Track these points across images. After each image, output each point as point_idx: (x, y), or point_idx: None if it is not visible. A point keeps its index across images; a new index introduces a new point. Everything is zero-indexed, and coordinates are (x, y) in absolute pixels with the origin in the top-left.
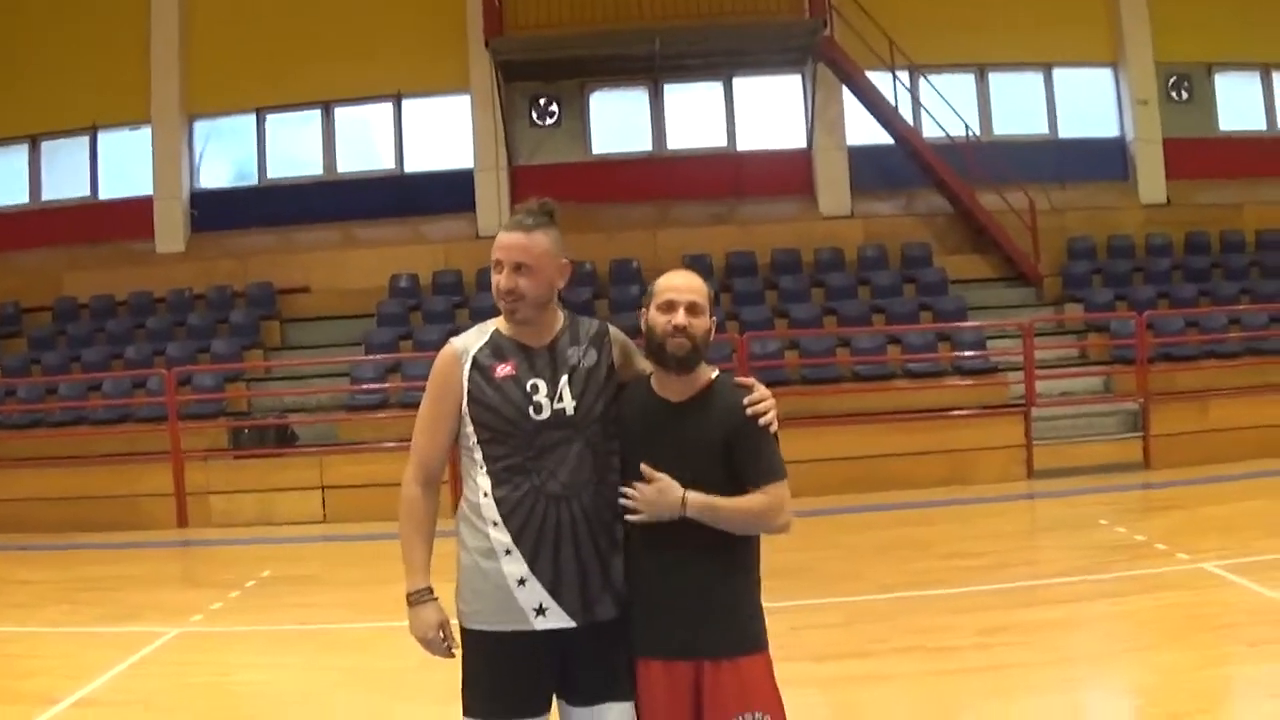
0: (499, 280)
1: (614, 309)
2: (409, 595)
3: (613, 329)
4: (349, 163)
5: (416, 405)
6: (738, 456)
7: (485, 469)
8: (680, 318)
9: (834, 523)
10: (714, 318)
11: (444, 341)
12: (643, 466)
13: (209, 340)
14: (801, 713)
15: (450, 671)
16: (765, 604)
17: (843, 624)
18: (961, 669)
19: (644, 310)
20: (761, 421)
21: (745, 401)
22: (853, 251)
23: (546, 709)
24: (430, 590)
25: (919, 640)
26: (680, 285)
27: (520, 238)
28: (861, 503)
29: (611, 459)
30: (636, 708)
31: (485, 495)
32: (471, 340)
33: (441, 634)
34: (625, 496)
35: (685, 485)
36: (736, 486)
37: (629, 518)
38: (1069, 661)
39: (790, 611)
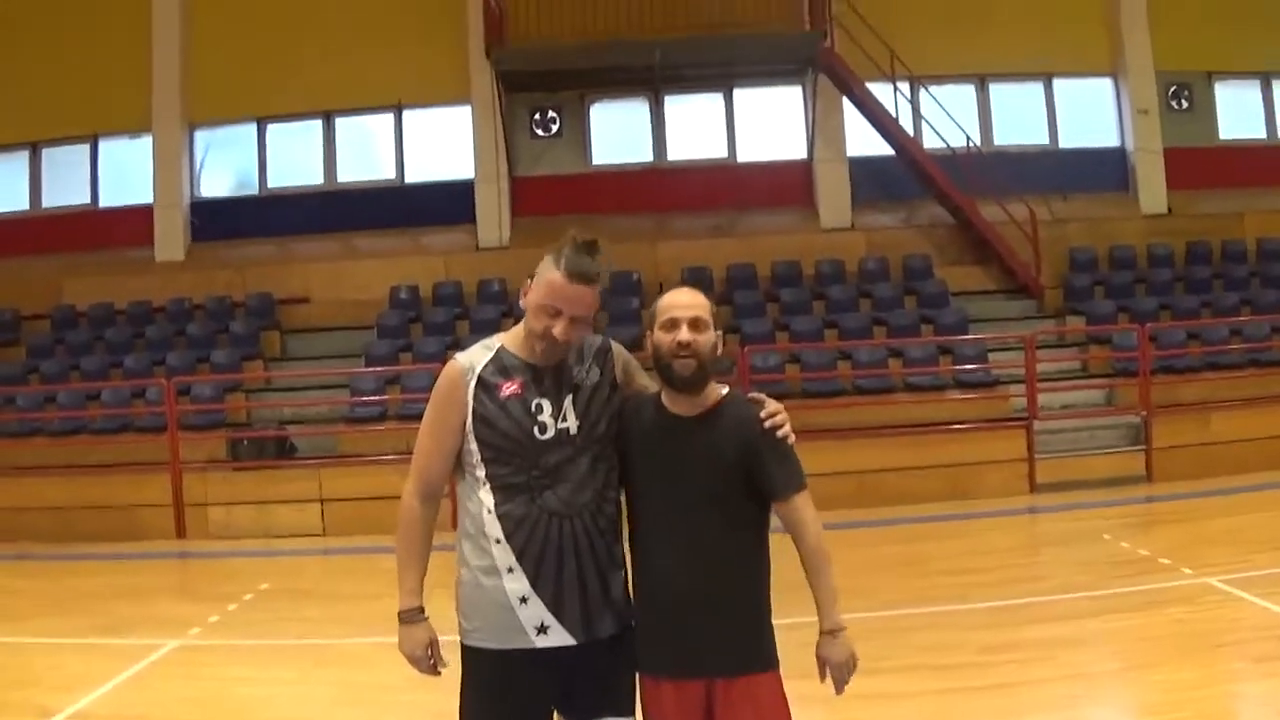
0: (554, 326)
1: (613, 320)
2: (401, 613)
3: (615, 345)
4: (349, 173)
5: (416, 418)
6: (760, 470)
7: (488, 486)
8: (684, 334)
9: (835, 538)
10: (718, 332)
11: (444, 354)
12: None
13: (208, 350)
14: None
15: (443, 691)
16: None
17: None
18: (965, 687)
19: (648, 332)
20: (780, 434)
21: (761, 415)
22: (853, 263)
23: None
24: (421, 610)
25: (922, 658)
26: (682, 302)
27: (587, 292)
28: (863, 518)
29: (612, 476)
30: None
31: (489, 512)
32: (477, 357)
33: (429, 652)
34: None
35: (697, 500)
36: (750, 499)
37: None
38: (1073, 679)
39: (792, 628)
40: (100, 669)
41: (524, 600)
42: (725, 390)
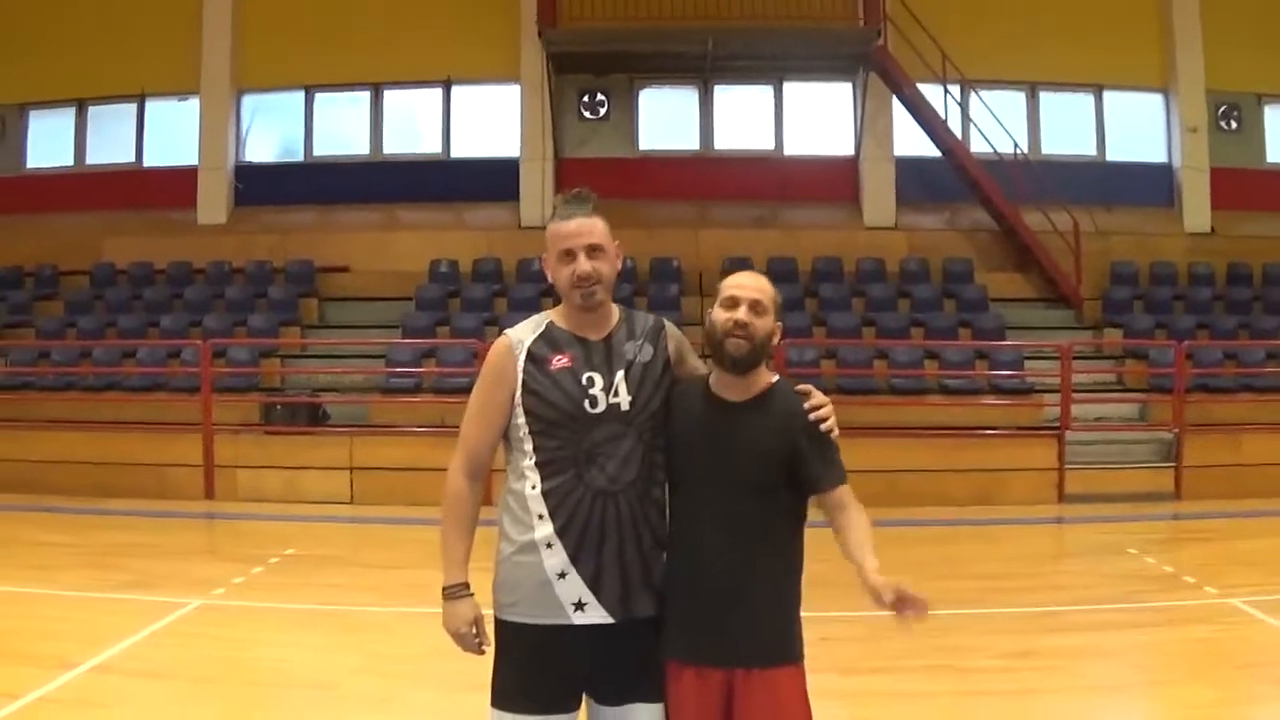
0: (576, 267)
1: (653, 306)
2: (445, 589)
3: (669, 324)
4: (395, 145)
5: (450, 391)
6: (802, 462)
7: (534, 460)
8: (742, 314)
9: None
10: (779, 322)
11: (481, 329)
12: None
13: (246, 314)
14: None
15: (465, 660)
16: None
17: (868, 638)
18: (986, 691)
19: (709, 310)
20: (824, 427)
21: (807, 406)
22: (895, 263)
23: (576, 706)
24: (467, 586)
25: (944, 659)
26: (745, 283)
27: (586, 222)
28: (890, 517)
29: (658, 455)
30: (665, 709)
31: (533, 488)
32: (526, 331)
33: (474, 630)
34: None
35: (738, 487)
36: (790, 489)
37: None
38: (1093, 690)
39: (817, 622)
40: (123, 624)
41: (563, 575)
42: (775, 379)
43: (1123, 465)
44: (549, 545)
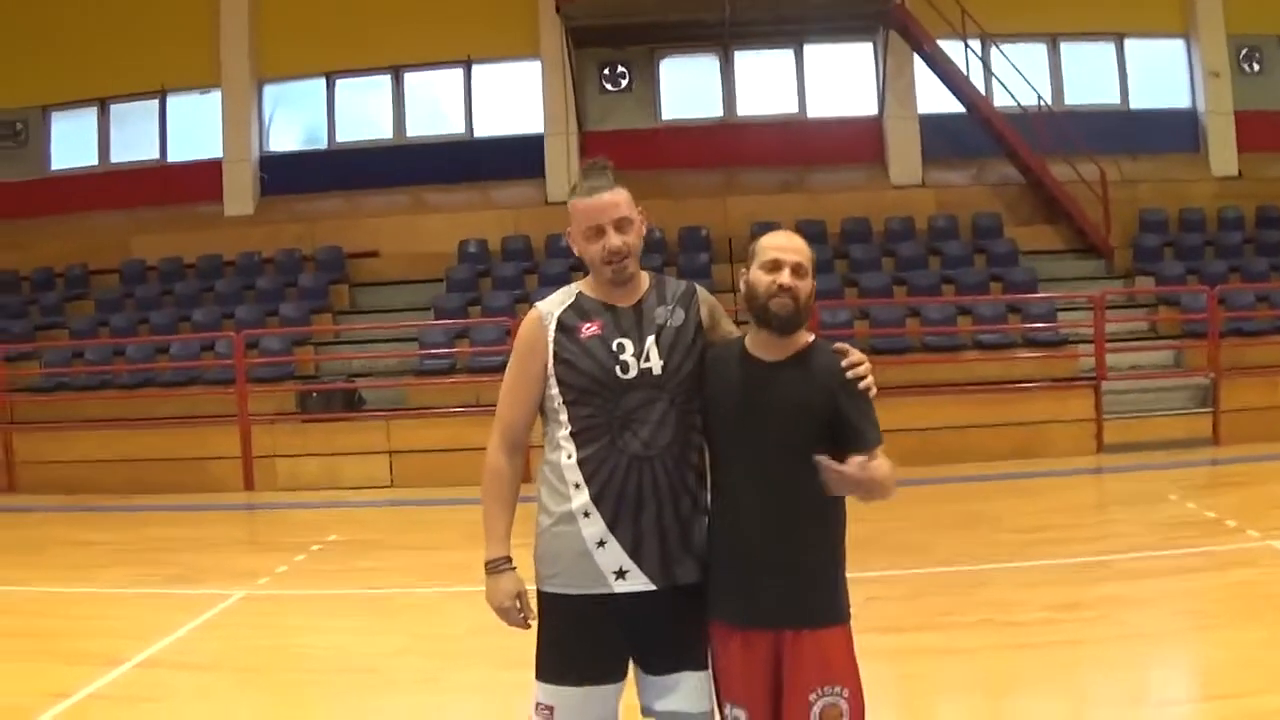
0: (606, 243)
1: (683, 275)
2: (487, 564)
3: (701, 289)
4: (418, 127)
5: (485, 370)
6: (842, 421)
7: (569, 430)
8: (785, 277)
9: (902, 494)
10: (814, 282)
11: (513, 307)
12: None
13: (277, 304)
14: (870, 685)
15: (508, 636)
16: None
17: (911, 596)
18: (1029, 644)
19: (744, 270)
20: (862, 385)
21: (844, 364)
22: (923, 221)
23: (622, 675)
24: (509, 560)
25: (987, 614)
26: (786, 245)
27: (611, 196)
28: (930, 475)
29: (694, 419)
30: (712, 672)
31: (569, 457)
32: (555, 303)
33: (518, 604)
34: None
35: (778, 446)
36: (829, 449)
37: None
38: (1137, 638)
39: (859, 582)
40: (170, 618)
41: (602, 544)
42: (812, 338)
43: (1160, 413)
44: (586, 514)
